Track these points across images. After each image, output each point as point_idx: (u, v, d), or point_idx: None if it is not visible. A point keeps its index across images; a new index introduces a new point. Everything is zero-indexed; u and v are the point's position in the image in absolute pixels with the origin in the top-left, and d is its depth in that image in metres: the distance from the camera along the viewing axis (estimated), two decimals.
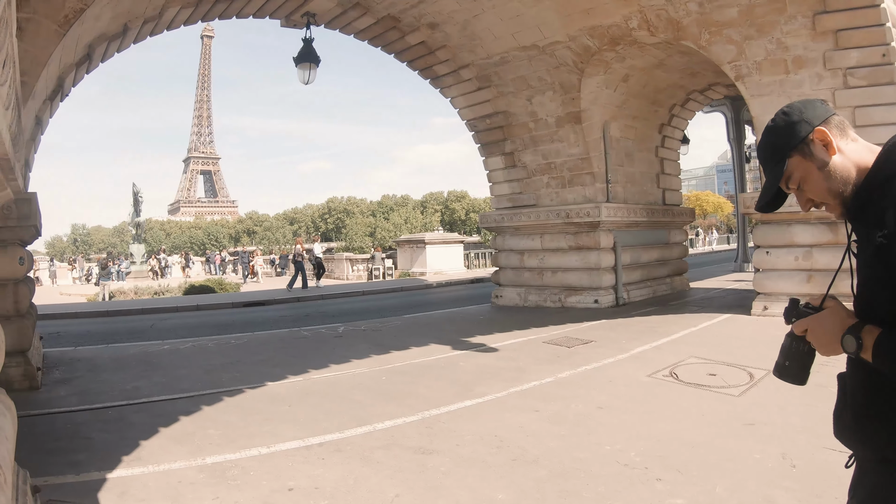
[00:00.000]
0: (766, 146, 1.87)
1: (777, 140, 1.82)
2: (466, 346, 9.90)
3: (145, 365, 9.29)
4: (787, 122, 1.81)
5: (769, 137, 1.86)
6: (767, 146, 1.87)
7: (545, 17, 12.24)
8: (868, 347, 1.55)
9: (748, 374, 6.99)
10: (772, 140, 1.85)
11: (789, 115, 1.81)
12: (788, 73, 10.51)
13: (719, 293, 15.75)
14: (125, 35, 9.99)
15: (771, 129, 1.86)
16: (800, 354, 1.75)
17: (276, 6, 12.48)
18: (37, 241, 9.37)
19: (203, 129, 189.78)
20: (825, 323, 1.69)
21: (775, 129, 1.84)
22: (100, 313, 19.37)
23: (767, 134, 1.87)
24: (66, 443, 5.67)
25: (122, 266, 38.11)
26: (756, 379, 6.81)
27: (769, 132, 1.86)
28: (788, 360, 1.77)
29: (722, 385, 6.70)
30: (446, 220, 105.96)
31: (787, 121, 1.81)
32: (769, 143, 1.86)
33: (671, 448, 4.85)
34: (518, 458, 4.76)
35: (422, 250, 31.30)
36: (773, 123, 1.85)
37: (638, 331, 10.41)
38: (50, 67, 7.47)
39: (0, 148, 2.21)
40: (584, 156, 13.97)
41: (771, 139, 1.85)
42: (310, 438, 5.45)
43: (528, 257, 15.28)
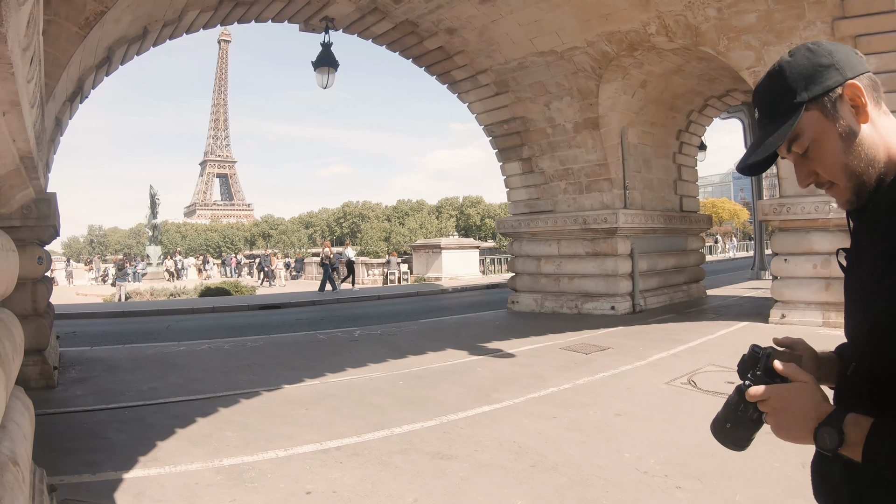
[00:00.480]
0: (775, 89, 1.40)
1: (793, 83, 1.36)
2: (483, 351, 9.90)
3: (162, 366, 9.36)
4: (811, 62, 1.36)
5: (780, 78, 1.39)
6: (776, 89, 1.40)
7: (563, 23, 12.24)
8: (855, 444, 1.20)
9: None
10: (784, 82, 1.38)
11: (816, 55, 1.36)
12: None
13: (736, 301, 15.65)
14: (145, 38, 10.09)
15: (785, 67, 1.39)
16: (747, 421, 1.38)
17: (294, 10, 12.55)
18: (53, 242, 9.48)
19: (220, 132, 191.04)
20: (792, 403, 1.30)
21: (792, 69, 1.37)
22: (116, 314, 19.55)
23: (778, 74, 1.40)
24: (82, 442, 5.72)
25: (139, 267, 38.36)
26: None
27: (782, 71, 1.39)
28: (731, 422, 1.40)
29: None
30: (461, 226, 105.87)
31: (812, 61, 1.36)
32: (779, 85, 1.39)
33: (690, 456, 4.82)
34: (537, 465, 4.76)
35: (438, 255, 31.29)
36: (790, 59, 1.39)
37: (655, 338, 10.37)
38: (70, 69, 7.55)
39: (24, 146, 2.25)
40: (602, 162, 13.94)
41: (783, 81, 1.38)
42: (327, 442, 5.47)
43: (545, 263, 15.25)
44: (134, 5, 8.30)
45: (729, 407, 1.40)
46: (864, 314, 1.32)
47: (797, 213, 10.71)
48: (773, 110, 1.40)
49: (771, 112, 1.41)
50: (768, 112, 1.42)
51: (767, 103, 1.43)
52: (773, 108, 1.40)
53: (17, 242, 7.51)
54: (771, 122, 1.40)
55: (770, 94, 1.42)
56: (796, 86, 1.35)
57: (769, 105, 1.42)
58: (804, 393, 1.30)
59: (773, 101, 1.41)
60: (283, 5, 12.07)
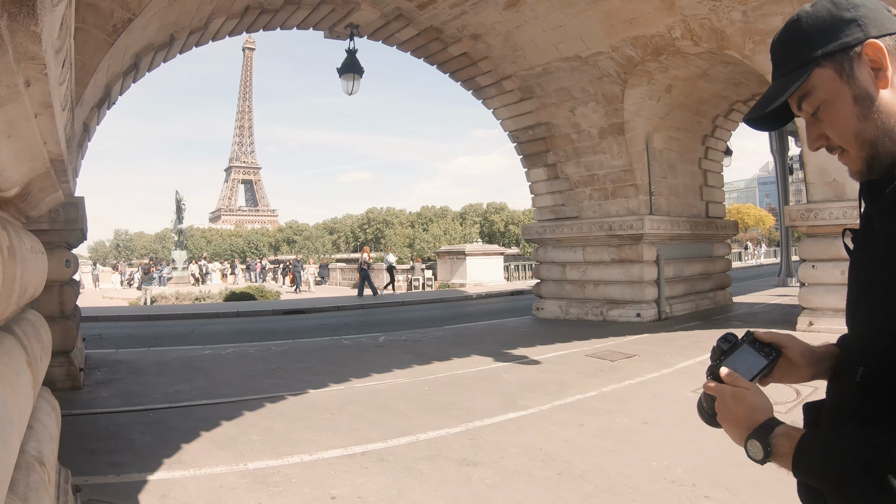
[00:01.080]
0: (789, 40, 1.30)
1: (808, 35, 1.25)
2: (508, 357, 9.85)
3: (187, 369, 9.43)
4: (832, 14, 1.23)
5: (796, 29, 1.29)
6: (791, 40, 1.30)
7: (588, 28, 12.19)
8: (783, 455, 1.16)
9: (795, 391, 6.79)
10: (800, 33, 1.27)
11: (839, 6, 1.23)
12: None
13: (763, 308, 15.44)
14: (171, 45, 10.21)
15: (803, 17, 1.28)
16: (708, 413, 1.36)
17: (319, 18, 12.64)
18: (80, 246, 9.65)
19: (244, 139, 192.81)
20: (730, 408, 1.27)
21: (810, 19, 1.26)
22: (141, 317, 19.77)
23: (795, 24, 1.29)
24: (107, 443, 5.77)
25: (164, 271, 38.76)
26: (803, 396, 6.61)
27: (799, 21, 1.28)
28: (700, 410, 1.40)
29: None
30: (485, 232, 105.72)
31: (832, 13, 1.23)
32: (795, 36, 1.29)
33: (719, 465, 4.73)
34: (564, 473, 4.70)
35: (462, 262, 31.25)
36: (810, 9, 1.27)
37: (681, 345, 10.26)
38: (98, 75, 7.65)
39: (55, 148, 2.25)
40: (628, 167, 13.84)
41: (798, 32, 1.28)
42: (352, 447, 5.46)
43: (570, 270, 15.16)
44: (161, 13, 8.40)
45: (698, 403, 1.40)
46: (872, 306, 1.19)
47: (825, 218, 10.53)
48: (785, 63, 1.30)
49: (784, 64, 1.31)
50: (781, 64, 1.32)
51: (781, 55, 1.33)
52: (786, 61, 1.30)
53: (45, 245, 7.65)
54: (783, 76, 1.30)
55: (784, 46, 1.32)
56: (811, 38, 1.24)
57: (782, 57, 1.32)
58: (740, 400, 1.27)
59: (787, 54, 1.31)
60: (307, 12, 12.16)
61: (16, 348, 2.30)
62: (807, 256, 11.14)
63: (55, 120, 1.99)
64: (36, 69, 1.51)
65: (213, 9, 10.01)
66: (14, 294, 2.18)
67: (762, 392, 1.31)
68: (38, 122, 1.92)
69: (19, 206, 2.85)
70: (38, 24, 1.31)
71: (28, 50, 1.37)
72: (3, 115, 1.59)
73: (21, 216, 3.14)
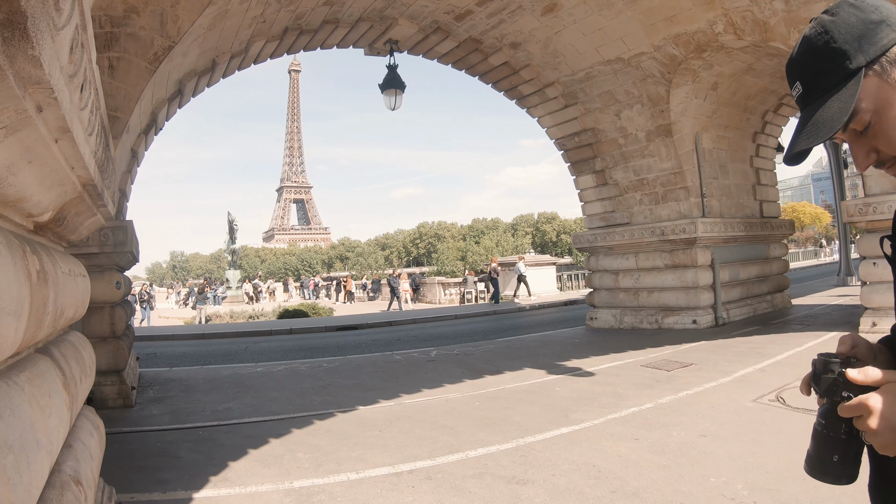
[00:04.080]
0: (820, 55, 1.15)
1: (844, 45, 1.11)
2: (561, 370, 9.66)
3: (237, 386, 9.52)
4: (860, 18, 1.12)
5: (826, 41, 1.14)
6: (822, 55, 1.15)
7: (628, 29, 11.98)
8: None
9: None
10: (832, 45, 1.13)
11: (862, 9, 1.13)
12: None
13: (823, 309, 14.86)
14: (214, 70, 10.40)
15: (830, 26, 1.14)
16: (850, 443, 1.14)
17: (358, 35, 12.72)
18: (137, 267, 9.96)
19: (294, 159, 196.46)
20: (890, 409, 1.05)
21: (840, 28, 1.13)
22: (196, 336, 20.18)
23: (822, 36, 1.15)
24: (154, 460, 5.83)
25: (219, 291, 39.53)
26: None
27: (827, 33, 1.14)
28: (838, 453, 1.15)
29: None
30: (537, 242, 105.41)
31: (860, 17, 1.12)
32: (825, 49, 1.14)
33: (781, 480, 4.49)
34: (617, 491, 4.53)
35: (514, 273, 31.01)
36: (833, 18, 1.15)
37: (739, 352, 9.90)
38: (142, 103, 7.83)
39: (84, 173, 2.25)
40: (677, 170, 13.53)
41: (829, 44, 1.13)
42: (400, 465, 5.38)
43: (623, 277, 14.88)
44: (200, 39, 8.55)
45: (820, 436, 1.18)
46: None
47: (884, 211, 10.01)
48: (820, 82, 1.16)
49: (817, 85, 1.16)
50: (814, 85, 1.17)
51: (811, 74, 1.18)
52: (821, 80, 1.15)
53: (95, 268, 7.92)
54: (819, 98, 1.15)
55: (814, 63, 1.16)
56: (848, 48, 1.11)
57: (814, 76, 1.17)
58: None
59: (820, 71, 1.16)
60: (346, 31, 12.25)
61: (50, 370, 2.33)
62: (867, 253, 10.63)
63: (77, 145, 1.98)
64: (44, 94, 1.49)
65: (252, 32, 10.16)
66: (47, 317, 2.19)
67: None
68: (59, 148, 1.91)
69: (56, 230, 2.87)
70: (35, 48, 1.28)
71: (32, 74, 1.35)
72: (19, 140, 1.58)
73: (60, 241, 3.18)
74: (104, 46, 7.33)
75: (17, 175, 1.71)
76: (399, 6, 11.88)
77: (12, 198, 1.85)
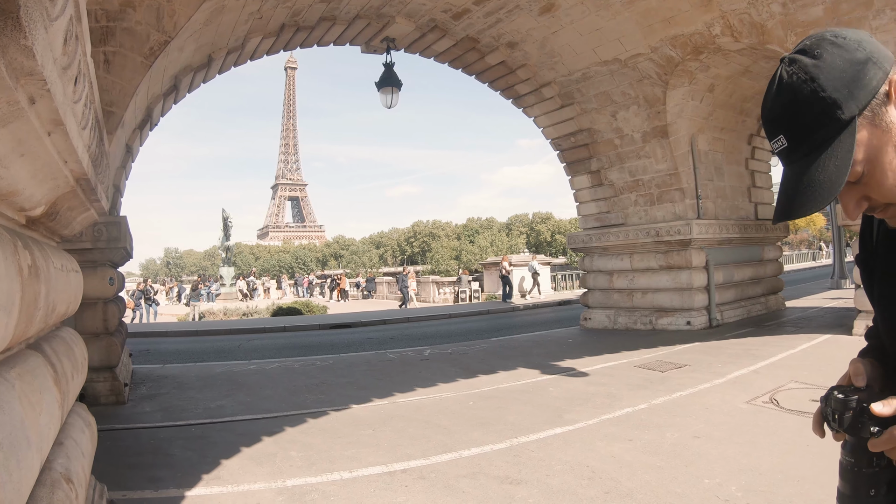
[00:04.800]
0: (806, 104, 1.05)
1: (832, 92, 1.01)
2: (555, 370, 9.65)
3: (231, 384, 9.48)
4: (846, 59, 1.03)
5: (812, 88, 1.04)
6: (808, 104, 1.04)
7: (625, 30, 11.97)
8: None
9: None
10: (819, 93, 1.03)
11: (846, 48, 1.04)
12: None
13: (817, 312, 14.88)
14: (210, 66, 10.35)
15: (814, 71, 1.04)
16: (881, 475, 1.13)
17: (355, 33, 12.68)
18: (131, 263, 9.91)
19: (290, 156, 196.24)
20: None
21: (826, 73, 1.03)
22: (189, 333, 20.08)
23: (806, 83, 1.05)
24: (147, 458, 5.79)
25: (212, 288, 39.43)
26: None
27: (813, 79, 1.04)
28: (875, 486, 1.14)
29: None
30: (532, 242, 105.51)
31: (846, 58, 1.03)
32: (812, 97, 1.04)
33: (775, 482, 4.49)
34: (611, 491, 4.51)
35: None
36: (817, 61, 1.04)
37: (733, 354, 9.91)
38: (138, 98, 7.79)
39: (78, 167, 2.23)
40: (672, 171, 13.54)
41: (817, 91, 1.03)
42: (393, 464, 5.36)
43: (617, 278, 14.88)
44: (197, 34, 8.51)
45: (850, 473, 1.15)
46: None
47: None
48: (809, 137, 1.05)
49: (806, 140, 1.05)
50: (802, 140, 1.06)
51: (799, 129, 1.06)
52: (811, 135, 1.04)
53: (88, 264, 7.87)
54: (808, 155, 1.05)
55: (801, 115, 1.05)
56: (839, 96, 1.01)
57: (803, 131, 1.05)
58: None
59: (809, 125, 1.05)
60: (343, 28, 12.21)
61: (41, 366, 2.30)
62: None
63: (70, 138, 1.95)
64: (36, 85, 1.46)
65: (248, 28, 10.12)
66: (38, 313, 2.16)
67: None
68: (52, 141, 1.89)
69: (48, 225, 2.85)
70: (28, 38, 1.26)
71: (24, 65, 1.33)
72: (10, 133, 1.56)
73: (53, 235, 3.15)
74: (100, 41, 7.28)
75: (8, 168, 1.69)
76: (396, 4, 11.85)
77: (4, 191, 1.83)
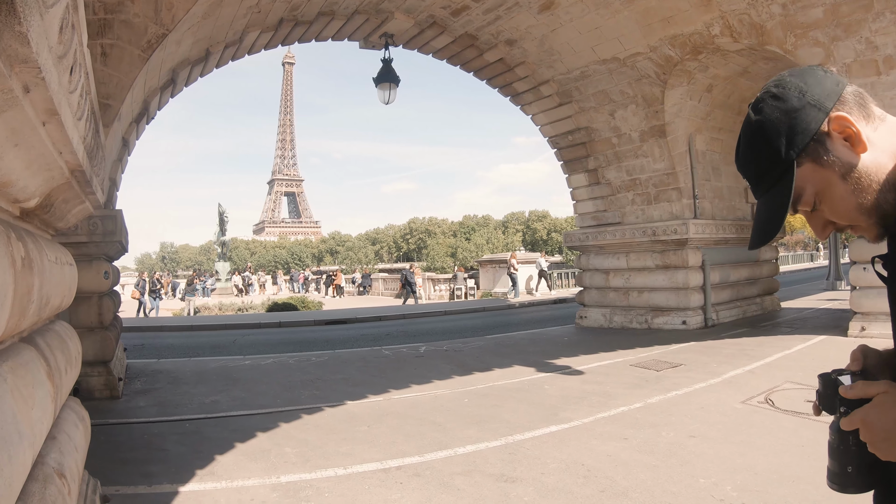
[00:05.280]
0: (756, 156, 1.22)
1: (773, 142, 1.17)
2: (551, 368, 9.64)
3: (225, 379, 9.45)
4: (783, 110, 1.17)
5: (757, 142, 1.20)
6: (757, 155, 1.21)
7: (624, 29, 11.96)
8: None
9: None
10: (763, 145, 1.19)
11: (784, 99, 1.18)
12: (880, 74, 9.74)
13: (812, 313, 14.91)
14: (207, 59, 10.30)
15: (759, 125, 1.20)
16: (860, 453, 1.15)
17: (354, 28, 12.65)
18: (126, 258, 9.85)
19: (286, 152, 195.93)
20: (879, 421, 1.07)
21: (766, 127, 1.18)
22: (184, 327, 20.03)
23: (753, 137, 1.22)
24: (141, 453, 5.77)
25: (208, 283, 39.33)
26: None
27: (757, 131, 1.20)
28: (850, 463, 1.18)
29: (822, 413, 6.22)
30: (528, 240, 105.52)
31: (782, 109, 1.17)
32: (759, 149, 1.20)
33: (770, 482, 4.49)
34: (606, 490, 4.51)
35: (504, 270, 31.01)
36: (758, 117, 1.20)
37: (729, 354, 9.92)
38: (134, 91, 7.75)
39: (73, 159, 2.21)
40: (670, 171, 13.54)
41: (760, 144, 1.20)
42: (388, 461, 5.35)
43: (613, 277, 14.88)
44: (195, 27, 8.46)
45: (836, 450, 1.21)
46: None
47: None
48: (765, 178, 1.21)
49: (764, 180, 1.22)
50: (758, 183, 1.24)
51: (754, 174, 1.24)
52: (765, 176, 1.21)
53: (83, 257, 7.83)
54: (765, 193, 1.23)
55: (755, 162, 1.23)
56: (778, 145, 1.17)
57: (756, 176, 1.24)
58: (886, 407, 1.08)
59: (761, 169, 1.22)
60: (342, 23, 12.17)
61: (34, 360, 2.28)
62: (857, 258, 10.67)
63: (65, 129, 1.93)
64: (31, 73, 1.44)
65: (246, 22, 10.07)
66: (31, 305, 2.14)
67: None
68: (47, 131, 1.87)
69: (43, 217, 2.82)
70: (23, 24, 1.24)
71: (18, 52, 1.31)
72: (4, 122, 1.53)
73: (48, 228, 3.12)
74: (97, 33, 7.24)
75: (2, 158, 1.67)
76: (396, 0, 11.82)
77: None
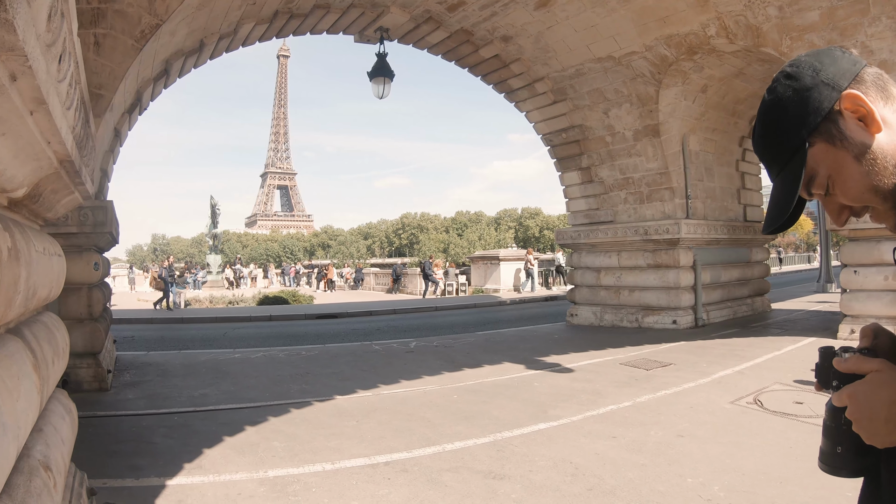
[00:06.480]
0: (770, 137, 1.19)
1: (786, 123, 1.14)
2: (541, 365, 9.65)
3: (215, 372, 9.43)
4: (796, 89, 1.14)
5: (771, 123, 1.18)
6: (772, 136, 1.18)
7: (620, 27, 11.95)
8: None
9: None
10: (777, 125, 1.16)
11: (798, 78, 1.14)
12: None
13: (802, 315, 14.98)
14: (201, 51, 10.24)
15: (772, 105, 1.17)
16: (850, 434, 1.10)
17: (349, 22, 12.60)
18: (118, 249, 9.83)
19: (280, 145, 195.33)
20: (866, 399, 1.04)
21: (779, 107, 1.15)
22: (174, 320, 19.97)
23: (767, 113, 1.18)
24: (129, 446, 5.75)
25: (199, 275, 39.17)
26: None
27: (770, 110, 1.18)
28: (840, 443, 1.15)
29: (810, 415, 6.25)
30: (520, 237, 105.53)
31: (795, 88, 1.14)
32: (773, 130, 1.17)
33: (758, 483, 4.50)
34: (594, 488, 4.51)
35: (496, 267, 31.01)
36: (772, 97, 1.18)
37: (719, 354, 9.95)
38: (127, 81, 7.69)
39: (61, 149, 2.19)
40: (663, 170, 13.55)
41: (775, 125, 1.17)
42: (376, 457, 5.34)
43: (605, 275, 14.90)
44: (189, 18, 8.41)
45: (829, 429, 1.17)
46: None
47: (867, 220, 10.10)
48: (778, 159, 1.18)
49: (777, 161, 1.19)
50: (774, 162, 1.20)
51: (770, 154, 1.20)
52: (778, 157, 1.18)
53: (73, 248, 7.79)
54: (780, 173, 1.19)
55: (768, 143, 1.20)
56: (790, 125, 1.14)
57: (772, 155, 1.20)
58: (876, 385, 1.04)
59: (774, 150, 1.19)
60: (337, 17, 12.12)
61: (20, 351, 2.25)
62: (848, 261, 10.71)
63: (54, 118, 1.91)
64: (18, 61, 1.42)
65: (241, 14, 10.02)
66: (18, 296, 2.11)
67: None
68: (34, 120, 1.84)
69: (31, 207, 2.80)
70: (9, 11, 1.22)
71: (4, 40, 1.29)
72: None
73: (36, 218, 3.09)
74: (90, 22, 7.17)
75: None
76: None
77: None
